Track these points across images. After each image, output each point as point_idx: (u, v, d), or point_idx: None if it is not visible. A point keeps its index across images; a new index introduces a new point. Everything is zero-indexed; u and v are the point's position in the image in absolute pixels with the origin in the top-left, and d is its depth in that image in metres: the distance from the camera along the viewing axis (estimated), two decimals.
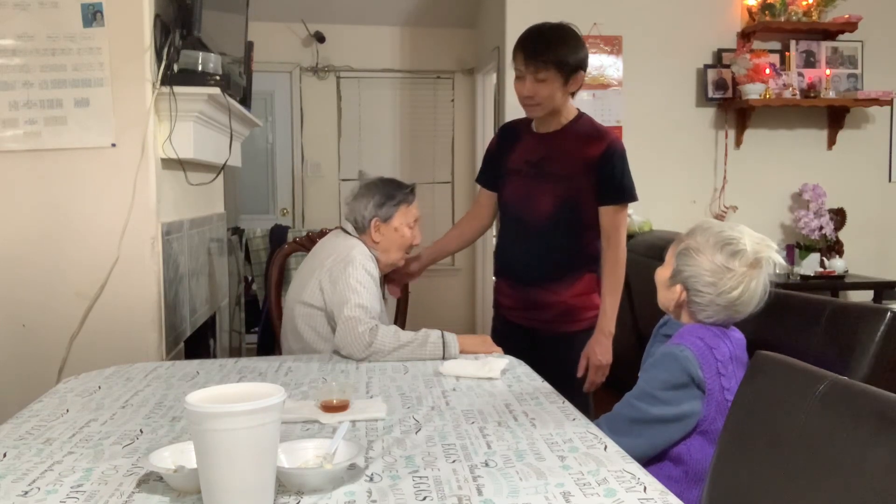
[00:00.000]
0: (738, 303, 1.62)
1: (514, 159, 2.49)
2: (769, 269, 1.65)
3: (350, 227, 2.35)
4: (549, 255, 2.38)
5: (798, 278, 4.24)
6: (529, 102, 2.39)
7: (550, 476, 1.18)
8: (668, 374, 1.59)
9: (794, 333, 1.71)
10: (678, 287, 1.69)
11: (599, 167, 2.33)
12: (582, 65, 2.38)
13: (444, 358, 2.05)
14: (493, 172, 2.57)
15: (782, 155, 4.52)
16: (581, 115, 2.49)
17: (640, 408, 1.61)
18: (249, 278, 4.26)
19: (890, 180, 4.63)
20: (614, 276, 2.34)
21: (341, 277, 2.17)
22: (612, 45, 4.36)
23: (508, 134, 2.62)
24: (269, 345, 4.02)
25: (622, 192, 2.35)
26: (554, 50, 2.34)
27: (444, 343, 2.07)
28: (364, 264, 2.20)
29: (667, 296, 1.74)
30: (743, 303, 1.63)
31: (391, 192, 2.33)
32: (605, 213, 2.35)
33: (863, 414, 1.02)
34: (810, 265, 4.27)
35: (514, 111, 4.35)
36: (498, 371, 1.85)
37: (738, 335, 1.69)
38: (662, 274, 1.76)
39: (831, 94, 4.38)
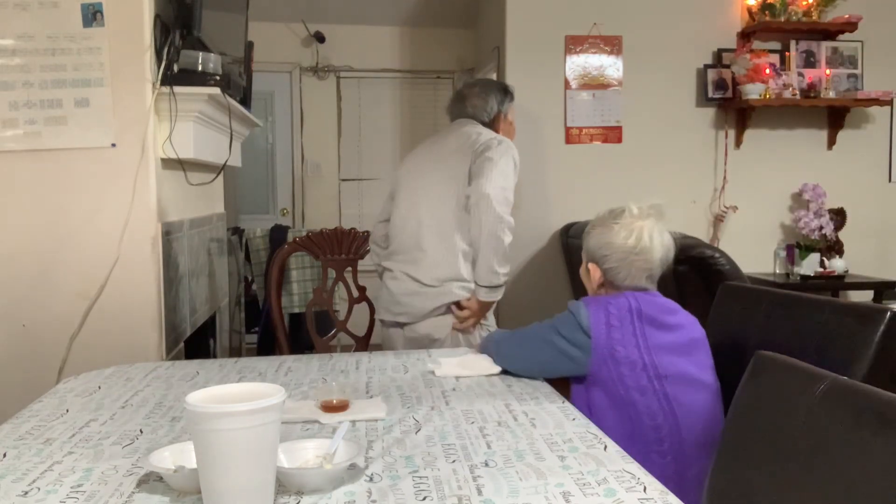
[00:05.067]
0: (637, 250, 1.75)
1: None
2: (660, 221, 1.78)
3: (475, 122, 2.53)
4: None
5: (798, 278, 4.24)
6: None
7: (550, 476, 1.18)
8: (561, 316, 1.78)
9: (794, 333, 1.71)
10: (591, 266, 1.83)
11: None
12: None
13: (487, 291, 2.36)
14: None
15: (782, 155, 4.52)
16: None
17: (530, 328, 1.84)
18: (249, 278, 4.26)
19: (890, 180, 4.63)
20: None
21: (503, 157, 2.35)
22: (612, 45, 4.36)
23: None
24: (269, 345, 4.03)
25: None
26: None
27: (499, 287, 2.35)
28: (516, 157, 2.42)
29: (590, 285, 1.87)
30: (643, 249, 1.75)
31: (506, 89, 2.60)
32: None
33: (863, 414, 1.02)
34: (810, 265, 4.27)
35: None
36: (490, 367, 1.85)
37: (660, 300, 1.77)
38: (581, 270, 1.91)
39: (831, 94, 4.38)
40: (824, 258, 4.33)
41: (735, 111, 4.44)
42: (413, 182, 2.47)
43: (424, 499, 1.10)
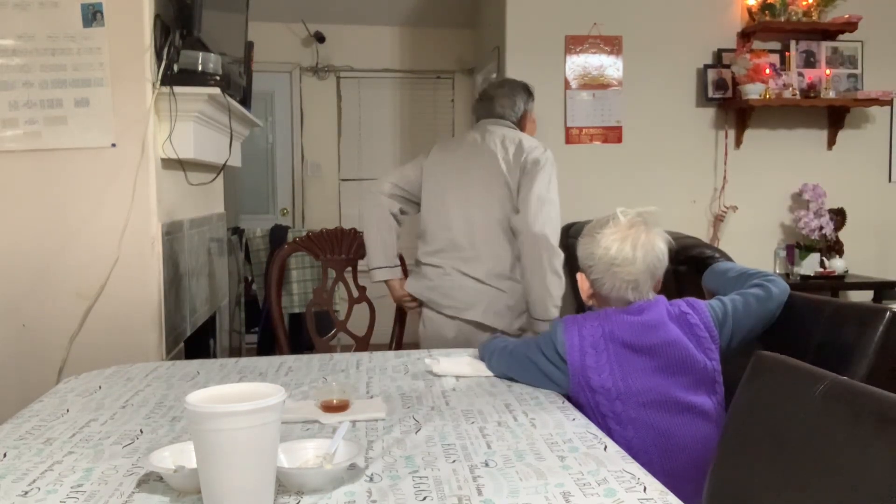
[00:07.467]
0: (619, 262, 1.69)
1: None
2: (652, 229, 1.73)
3: (508, 122, 2.60)
4: None
5: (798, 278, 4.24)
6: None
7: (550, 476, 1.18)
8: (544, 335, 1.77)
9: (794, 333, 1.71)
10: (580, 275, 1.79)
11: None
12: None
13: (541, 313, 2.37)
14: None
15: (782, 155, 4.52)
16: None
17: (519, 343, 1.83)
18: (249, 278, 4.26)
19: (890, 180, 4.63)
20: None
21: (546, 166, 2.41)
22: (612, 45, 4.36)
23: None
24: (269, 345, 4.03)
25: None
26: None
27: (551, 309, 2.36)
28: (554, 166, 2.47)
29: (582, 295, 1.82)
30: (624, 260, 1.69)
31: (528, 88, 2.65)
32: None
33: (863, 414, 1.02)
34: (810, 265, 4.27)
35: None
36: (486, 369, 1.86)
37: (640, 317, 1.67)
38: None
39: (831, 94, 4.38)
40: (824, 258, 4.33)
41: (735, 111, 4.44)
42: (457, 178, 2.50)
43: (424, 499, 1.10)
